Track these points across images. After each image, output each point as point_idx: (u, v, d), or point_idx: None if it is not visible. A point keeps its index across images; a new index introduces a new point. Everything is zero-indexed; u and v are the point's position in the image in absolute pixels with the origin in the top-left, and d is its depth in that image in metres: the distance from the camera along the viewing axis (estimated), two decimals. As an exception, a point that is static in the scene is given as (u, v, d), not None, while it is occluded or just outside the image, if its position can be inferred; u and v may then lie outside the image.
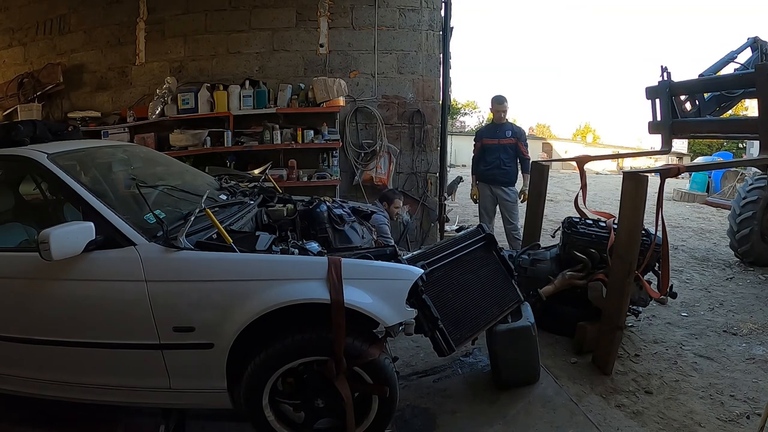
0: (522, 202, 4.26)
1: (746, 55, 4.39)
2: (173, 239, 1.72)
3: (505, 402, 2.27)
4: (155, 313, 1.69)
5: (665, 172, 2.51)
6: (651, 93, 4.30)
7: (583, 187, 3.45)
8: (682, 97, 4.21)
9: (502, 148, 4.30)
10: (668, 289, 2.88)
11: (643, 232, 2.81)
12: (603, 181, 14.96)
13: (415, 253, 2.21)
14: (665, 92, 4.13)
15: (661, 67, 4.10)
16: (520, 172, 4.44)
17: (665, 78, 4.13)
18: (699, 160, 14.81)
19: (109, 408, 2.00)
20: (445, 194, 5.01)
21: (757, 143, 3.51)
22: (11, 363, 1.91)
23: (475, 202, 4.58)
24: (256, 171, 4.01)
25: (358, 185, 4.63)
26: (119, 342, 1.76)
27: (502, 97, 4.41)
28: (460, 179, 8.74)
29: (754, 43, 4.36)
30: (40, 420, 2.16)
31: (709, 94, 4.24)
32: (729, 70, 4.36)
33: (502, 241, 4.76)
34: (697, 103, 4.21)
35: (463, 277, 2.23)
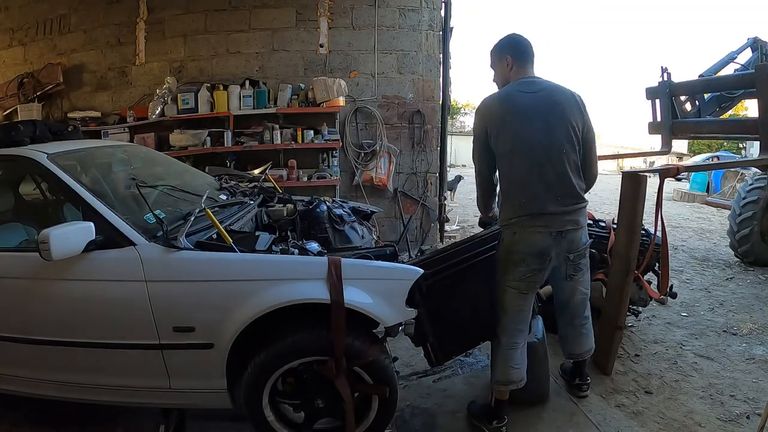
0: None
1: (746, 56, 4.39)
2: (173, 239, 1.72)
3: (505, 402, 2.26)
4: (155, 313, 1.68)
5: (664, 172, 2.51)
6: (651, 93, 4.30)
7: None
8: (682, 98, 4.22)
9: None
10: (668, 289, 2.88)
11: (643, 232, 2.81)
12: (603, 181, 14.93)
13: (422, 257, 2.13)
14: (665, 93, 4.13)
15: (661, 67, 4.10)
16: None
17: (665, 78, 4.13)
18: (698, 159, 14.80)
19: (109, 408, 2.00)
20: (446, 194, 5.01)
21: (757, 143, 3.52)
22: (11, 363, 1.91)
23: None
24: (256, 171, 4.02)
25: (358, 185, 4.63)
26: (119, 342, 1.75)
27: None
28: (460, 178, 8.83)
29: (754, 44, 4.37)
30: (40, 420, 2.16)
31: (709, 94, 4.24)
32: (729, 70, 4.36)
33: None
34: (697, 103, 4.22)
35: (471, 286, 2.05)
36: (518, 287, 1.93)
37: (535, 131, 1.83)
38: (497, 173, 1.99)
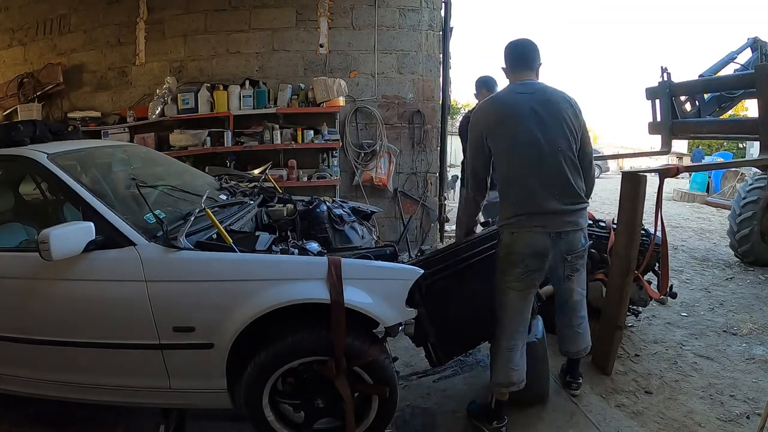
0: None
1: (746, 56, 4.40)
2: (173, 239, 1.72)
3: (505, 402, 2.26)
4: (155, 313, 1.68)
5: (664, 173, 2.51)
6: (651, 93, 4.30)
7: None
8: (683, 98, 4.22)
9: None
10: (668, 289, 2.88)
11: (643, 231, 2.81)
12: (603, 181, 14.96)
13: (422, 257, 2.15)
14: (665, 93, 4.13)
15: (661, 67, 4.10)
16: None
17: (665, 78, 4.13)
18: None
19: (109, 408, 2.00)
20: (446, 194, 5.01)
21: (757, 143, 3.52)
22: (11, 363, 1.91)
23: None
24: (256, 171, 4.01)
25: (358, 185, 4.63)
26: (119, 342, 1.76)
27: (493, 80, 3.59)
28: (456, 178, 8.85)
29: (754, 44, 4.37)
30: (40, 420, 2.17)
31: (709, 94, 4.24)
32: (729, 70, 4.37)
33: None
34: (697, 103, 4.22)
35: (470, 286, 2.07)
36: (517, 287, 1.93)
37: (531, 129, 1.84)
38: (492, 175, 2.02)
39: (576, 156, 1.91)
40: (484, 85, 3.57)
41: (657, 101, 4.25)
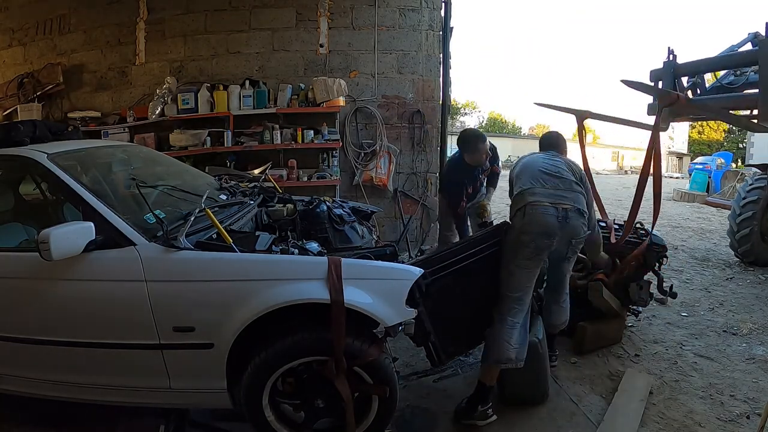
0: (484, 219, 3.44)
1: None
2: (173, 239, 1.72)
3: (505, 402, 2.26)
4: (155, 313, 1.68)
5: (664, 96, 2.40)
6: (655, 76, 4.26)
7: (582, 147, 3.18)
8: (685, 84, 4.19)
9: (480, 186, 3.52)
10: (668, 289, 2.89)
11: (643, 231, 2.82)
12: (603, 181, 14.95)
13: (422, 257, 2.16)
14: (669, 73, 4.08)
15: (668, 48, 4.06)
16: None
17: (671, 59, 4.10)
18: (699, 159, 14.83)
19: (109, 408, 2.00)
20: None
21: (756, 144, 3.51)
22: (11, 363, 1.91)
23: None
24: (256, 171, 4.01)
25: (358, 185, 4.63)
26: (119, 342, 1.76)
27: (483, 135, 3.29)
28: None
29: (755, 38, 4.36)
30: (40, 420, 2.16)
31: (710, 85, 4.22)
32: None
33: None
34: (699, 91, 4.20)
35: (471, 285, 2.08)
36: (527, 266, 2.08)
37: None
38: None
39: None
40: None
41: (660, 83, 4.22)
